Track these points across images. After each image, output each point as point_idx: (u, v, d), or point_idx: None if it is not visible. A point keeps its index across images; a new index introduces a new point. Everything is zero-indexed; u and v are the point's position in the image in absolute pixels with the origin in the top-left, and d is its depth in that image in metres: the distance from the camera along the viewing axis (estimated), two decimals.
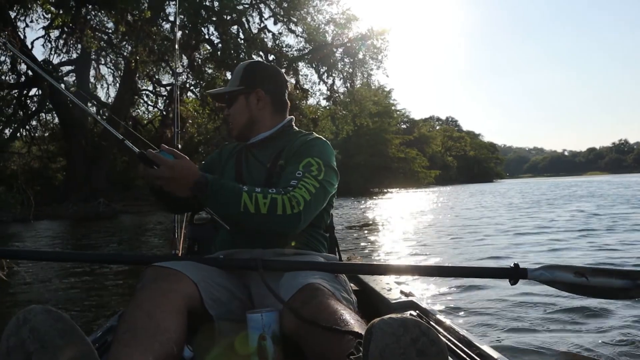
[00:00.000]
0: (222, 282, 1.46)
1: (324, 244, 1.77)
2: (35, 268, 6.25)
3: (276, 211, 1.46)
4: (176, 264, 1.38)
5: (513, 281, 1.39)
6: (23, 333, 0.92)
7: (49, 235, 13.08)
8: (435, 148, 73.07)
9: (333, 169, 1.69)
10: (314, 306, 1.22)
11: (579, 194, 24.57)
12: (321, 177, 1.60)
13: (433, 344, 0.88)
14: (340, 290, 1.45)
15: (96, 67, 26.31)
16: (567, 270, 1.38)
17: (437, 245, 7.85)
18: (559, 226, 9.81)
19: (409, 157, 53.05)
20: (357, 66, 23.46)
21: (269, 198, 1.47)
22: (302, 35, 22.60)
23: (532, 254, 6.61)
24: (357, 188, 44.74)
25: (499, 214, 13.88)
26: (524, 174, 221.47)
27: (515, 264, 1.39)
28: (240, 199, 1.45)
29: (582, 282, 1.36)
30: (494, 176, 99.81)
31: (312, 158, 1.64)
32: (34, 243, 10.86)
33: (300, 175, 1.57)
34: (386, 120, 50.45)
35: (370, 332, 0.89)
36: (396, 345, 0.87)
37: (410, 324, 0.89)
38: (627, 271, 1.38)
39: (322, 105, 26.15)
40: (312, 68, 23.35)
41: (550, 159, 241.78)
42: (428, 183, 57.19)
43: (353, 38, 22.64)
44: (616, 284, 1.36)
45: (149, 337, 1.12)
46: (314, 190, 1.55)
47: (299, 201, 1.50)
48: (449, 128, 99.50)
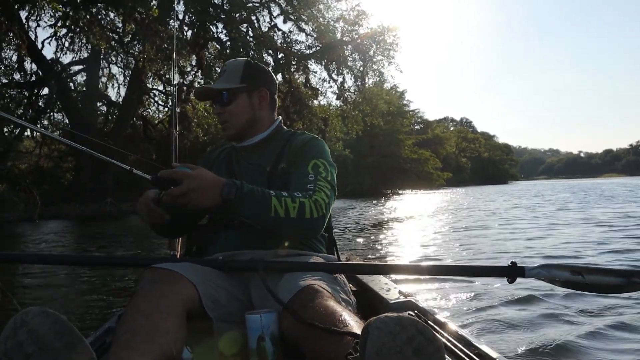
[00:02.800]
0: (221, 283, 1.45)
1: (323, 243, 1.77)
2: (32, 270, 6.22)
3: (304, 215, 1.49)
4: (175, 266, 1.36)
5: (511, 280, 1.39)
6: (21, 335, 0.92)
7: (53, 235, 12.92)
8: (449, 149, 72.54)
9: (334, 166, 1.74)
10: (313, 308, 1.21)
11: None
12: (330, 178, 1.64)
13: (429, 342, 0.88)
14: (340, 292, 1.44)
15: (107, 66, 26.29)
16: (563, 269, 1.39)
17: (454, 249, 7.55)
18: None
19: (422, 158, 52.46)
20: (367, 63, 23.04)
21: (297, 202, 1.49)
22: (312, 34, 22.25)
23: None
24: (369, 189, 44.52)
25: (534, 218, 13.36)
26: (539, 176, 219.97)
27: (512, 262, 1.39)
28: (271, 203, 1.46)
29: (578, 279, 1.37)
30: (509, 178, 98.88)
31: (317, 160, 1.67)
32: (37, 244, 10.71)
33: (313, 179, 1.60)
34: (399, 121, 49.98)
35: (367, 330, 0.89)
36: (393, 343, 0.87)
37: (407, 322, 0.89)
38: (624, 270, 1.39)
39: (332, 105, 25.80)
40: (321, 65, 22.96)
41: (566, 160, 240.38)
42: (440, 185, 56.48)
43: (363, 35, 22.23)
44: (611, 281, 1.37)
45: (147, 339, 1.11)
46: (329, 192, 1.59)
47: (322, 205, 1.53)
48: (463, 129, 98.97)
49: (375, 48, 22.72)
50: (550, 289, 4.08)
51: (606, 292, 1.50)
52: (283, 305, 1.25)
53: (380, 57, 23.01)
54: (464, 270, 1.72)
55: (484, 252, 6.98)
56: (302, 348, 1.22)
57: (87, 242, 11.14)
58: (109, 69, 26.43)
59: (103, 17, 19.41)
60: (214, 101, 1.77)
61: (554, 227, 10.09)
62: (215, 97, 1.76)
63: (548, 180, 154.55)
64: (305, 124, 21.86)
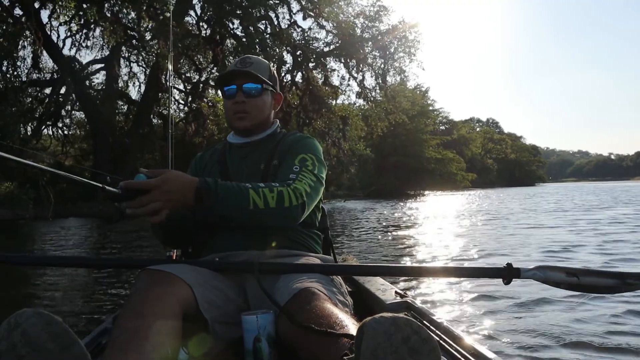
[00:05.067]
0: (217, 284, 1.42)
1: (319, 243, 1.79)
2: (26, 270, 6.17)
3: (284, 203, 1.48)
4: (170, 267, 1.35)
5: (506, 281, 1.40)
6: (14, 337, 0.92)
7: (64, 234, 12.78)
8: (475, 150, 71.60)
9: (324, 164, 1.75)
10: (310, 311, 1.20)
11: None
12: (316, 171, 1.65)
13: (425, 342, 0.89)
14: (336, 293, 1.43)
15: (128, 65, 26.31)
16: (559, 270, 1.40)
17: (464, 251, 7.21)
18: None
19: (446, 159, 51.42)
20: (388, 60, 22.39)
21: (275, 191, 1.48)
22: (332, 30, 21.71)
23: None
24: (391, 190, 43.96)
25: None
26: (567, 178, 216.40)
27: (508, 263, 1.39)
28: (248, 195, 1.45)
29: (573, 281, 1.39)
30: (536, 180, 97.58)
31: (305, 154, 1.69)
32: (42, 243, 10.55)
33: (297, 170, 1.61)
34: (422, 120, 49.09)
35: (362, 331, 0.89)
36: (388, 344, 0.87)
37: (402, 322, 0.89)
38: (619, 272, 1.40)
39: (354, 103, 25.20)
40: (340, 63, 22.39)
41: (596, 162, 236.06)
42: (465, 186, 55.40)
43: (384, 31, 21.60)
44: (606, 282, 1.39)
45: (143, 341, 1.09)
46: (312, 183, 1.60)
47: (301, 192, 1.53)
48: (489, 130, 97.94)
49: (396, 45, 22.07)
50: (546, 292, 4.11)
51: (601, 293, 1.50)
52: (280, 309, 1.25)
53: (401, 54, 22.36)
54: (461, 271, 1.70)
55: (496, 255, 6.78)
56: (298, 350, 1.21)
57: (96, 241, 11.05)
58: (129, 67, 26.52)
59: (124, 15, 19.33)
60: (239, 89, 1.72)
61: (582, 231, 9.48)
62: (242, 85, 1.72)
63: (577, 182, 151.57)
64: (324, 122, 21.40)
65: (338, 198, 36.78)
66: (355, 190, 46.11)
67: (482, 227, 11.30)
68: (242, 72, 1.72)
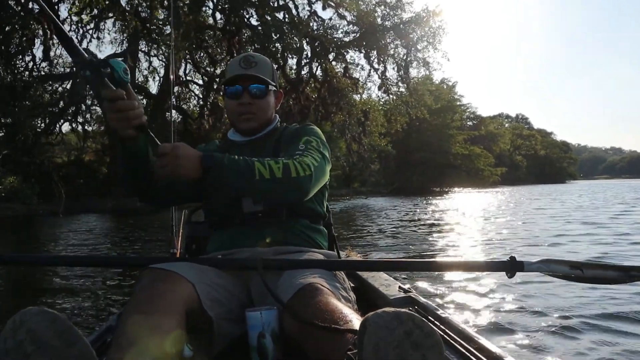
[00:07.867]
0: (220, 282, 1.43)
1: (325, 239, 1.79)
2: (31, 269, 6.18)
3: (290, 174, 1.47)
4: (173, 266, 1.34)
5: (510, 274, 1.40)
6: (20, 335, 0.93)
7: (73, 231, 12.46)
8: (504, 146, 69.87)
9: (328, 147, 1.74)
10: (314, 306, 1.21)
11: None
12: (322, 149, 1.64)
13: (427, 336, 0.88)
14: (339, 289, 1.43)
15: (148, 59, 26.02)
16: (563, 264, 1.39)
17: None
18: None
19: (473, 154, 49.98)
20: (411, 50, 21.43)
21: (281, 163, 1.48)
22: (352, 20, 20.87)
23: None
24: (417, 186, 42.99)
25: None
26: (599, 175, 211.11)
27: (511, 257, 1.39)
28: (254, 166, 1.44)
29: (577, 274, 1.38)
30: (567, 177, 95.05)
31: (309, 137, 1.69)
32: (49, 241, 10.49)
33: (303, 148, 1.60)
34: (449, 115, 47.84)
35: (364, 325, 0.89)
36: (390, 338, 0.86)
37: (404, 317, 0.89)
38: (623, 266, 1.40)
39: (374, 96, 24.35)
40: (360, 53, 21.53)
41: (630, 159, 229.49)
42: (493, 182, 53.91)
43: (406, 20, 20.65)
44: (610, 275, 1.38)
45: (147, 338, 1.09)
46: (318, 159, 1.58)
47: (309, 165, 1.51)
48: (518, 126, 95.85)
49: (419, 34, 21.09)
50: (550, 287, 4.16)
51: (602, 284, 1.48)
52: (283, 305, 1.25)
53: (424, 44, 21.37)
54: (464, 265, 1.62)
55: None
56: (303, 346, 1.21)
57: (106, 237, 11.00)
58: (149, 61, 26.20)
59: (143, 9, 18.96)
60: (245, 90, 1.71)
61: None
62: (248, 86, 1.71)
63: (609, 180, 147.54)
64: (343, 116, 20.61)
65: (361, 195, 36.03)
66: (379, 187, 45.30)
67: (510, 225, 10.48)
68: (247, 75, 1.70)
